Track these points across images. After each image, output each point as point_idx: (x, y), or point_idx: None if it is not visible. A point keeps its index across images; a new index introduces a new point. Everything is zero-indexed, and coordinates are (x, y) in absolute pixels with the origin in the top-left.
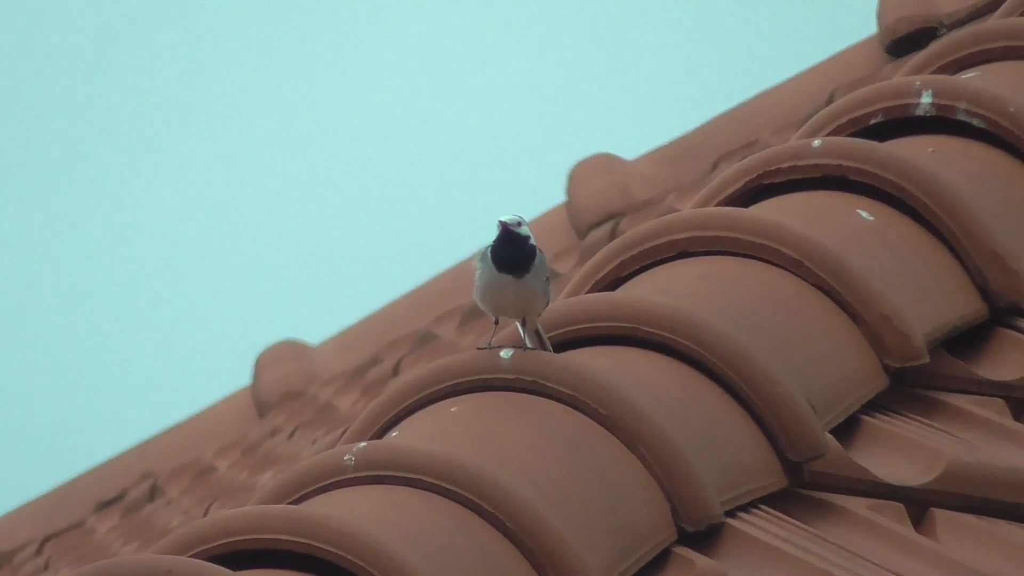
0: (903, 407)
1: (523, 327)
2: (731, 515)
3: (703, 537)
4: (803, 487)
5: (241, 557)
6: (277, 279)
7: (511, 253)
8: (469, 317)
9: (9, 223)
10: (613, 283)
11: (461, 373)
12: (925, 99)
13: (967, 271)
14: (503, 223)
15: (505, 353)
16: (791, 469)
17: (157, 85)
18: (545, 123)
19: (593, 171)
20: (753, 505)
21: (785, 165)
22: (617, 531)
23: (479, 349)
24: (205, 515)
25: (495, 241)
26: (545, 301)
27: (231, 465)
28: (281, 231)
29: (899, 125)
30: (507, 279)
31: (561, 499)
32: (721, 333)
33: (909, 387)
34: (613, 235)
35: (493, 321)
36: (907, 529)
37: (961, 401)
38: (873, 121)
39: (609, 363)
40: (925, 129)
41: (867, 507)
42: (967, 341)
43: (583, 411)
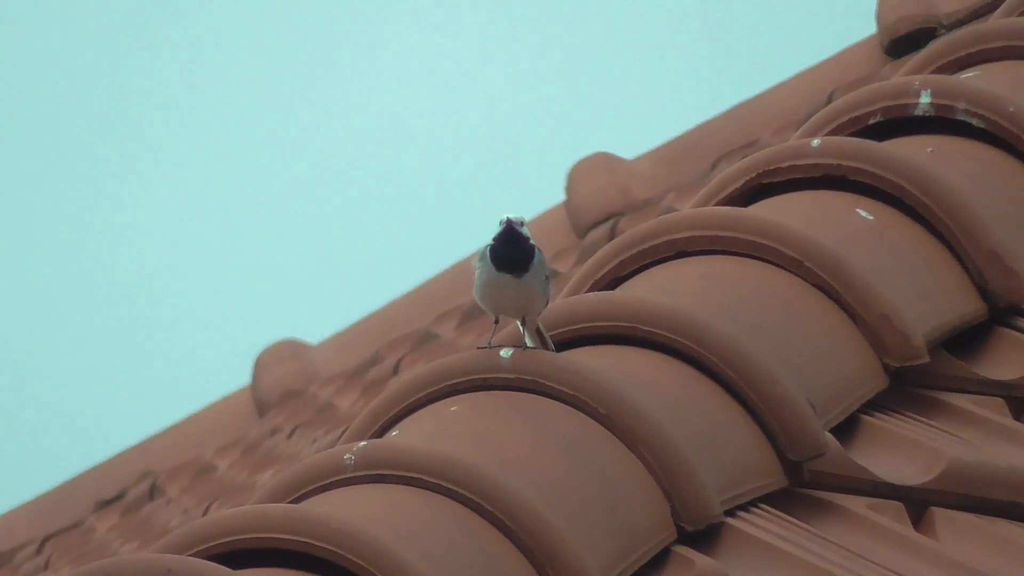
0: (903, 407)
1: (523, 326)
2: (731, 514)
3: (703, 536)
4: (803, 486)
5: (241, 556)
6: (277, 278)
7: (510, 252)
8: (469, 316)
9: (9, 223)
10: (613, 282)
11: (461, 372)
12: (924, 99)
13: (967, 271)
14: (508, 220)
15: (505, 352)
16: (791, 468)
17: (157, 85)
18: (545, 123)
19: (593, 170)
20: (753, 504)
21: (784, 165)
22: (617, 530)
23: (479, 348)
24: (205, 514)
25: (495, 240)
26: (545, 300)
27: (231, 464)
28: (281, 231)
29: (898, 125)
30: (506, 278)
31: (561, 498)
32: (721, 333)
33: (909, 387)
34: (612, 234)
35: (493, 320)
36: (907, 528)
37: (961, 400)
38: (872, 121)
39: (609, 362)
40: (924, 129)
41: (867, 506)
42: (967, 341)
43: (583, 410)
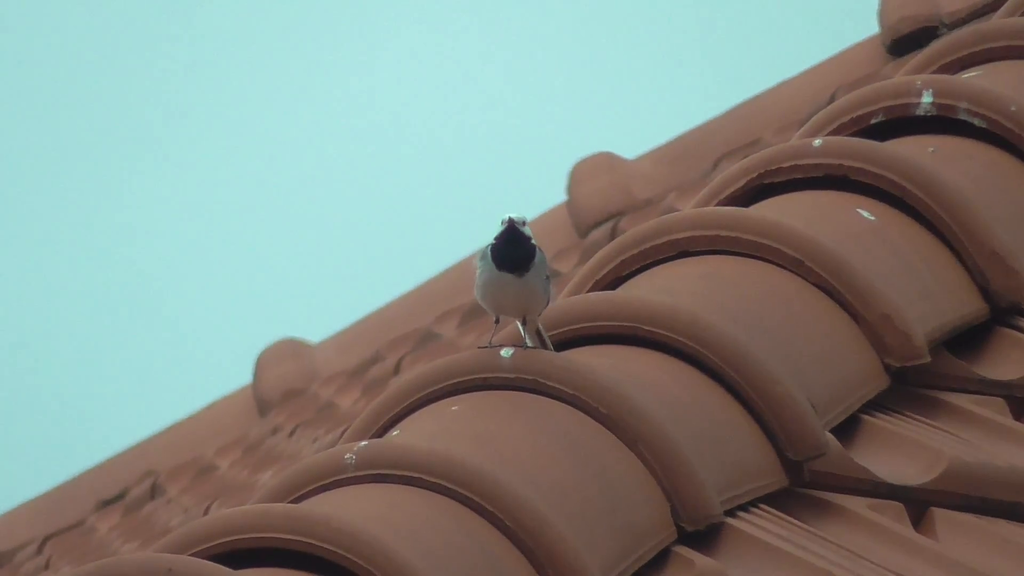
0: (904, 406)
1: (523, 326)
2: (731, 514)
3: (703, 536)
4: (803, 486)
5: (241, 556)
6: (278, 278)
7: (511, 252)
8: (470, 316)
9: (10, 222)
10: (614, 282)
11: (462, 372)
12: (926, 99)
13: (968, 271)
14: (510, 219)
15: (506, 352)
16: (791, 468)
17: (158, 85)
18: (545, 122)
19: (594, 170)
20: (753, 504)
21: (786, 164)
22: (617, 530)
23: (480, 348)
24: (206, 514)
25: (496, 239)
26: (545, 300)
27: (232, 464)
28: (282, 230)
29: (900, 125)
30: (507, 278)
31: (561, 498)
32: (722, 332)
33: (910, 386)
34: (614, 234)
35: (494, 320)
36: (907, 529)
37: (962, 400)
38: (874, 121)
39: (609, 362)
40: (926, 129)
41: (867, 506)
42: (968, 340)
43: (583, 410)
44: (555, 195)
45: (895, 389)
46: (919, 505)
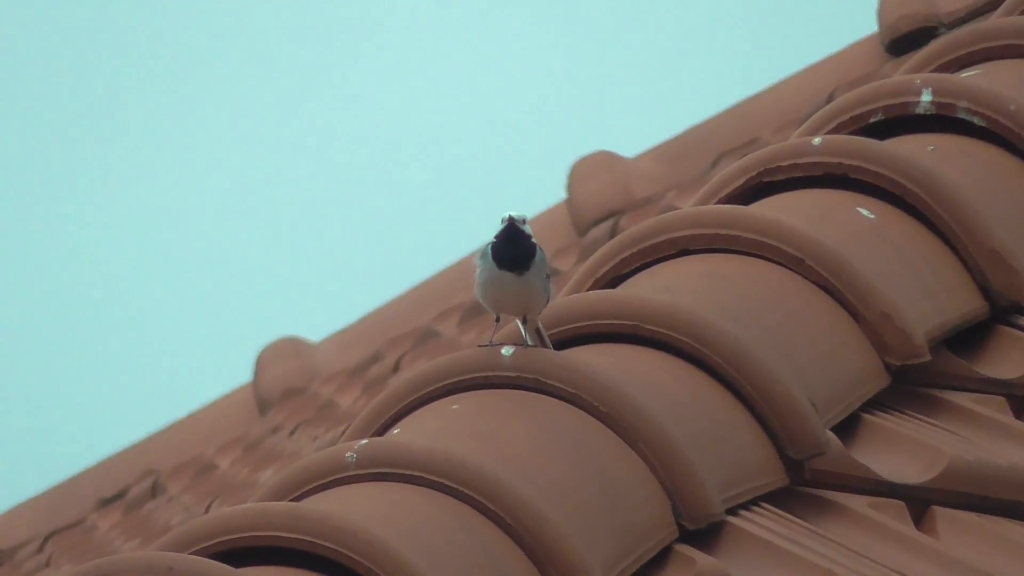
0: (904, 405)
1: (523, 324)
2: (732, 513)
3: (704, 535)
4: (804, 485)
5: (242, 554)
6: (278, 276)
7: (512, 250)
8: (470, 314)
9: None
10: (614, 281)
11: (462, 371)
12: (925, 97)
13: (968, 269)
14: (510, 218)
15: (506, 351)
16: (792, 467)
17: (159, 81)
18: (546, 121)
19: (593, 169)
20: (754, 503)
21: (786, 163)
22: (618, 529)
23: (480, 347)
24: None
25: (496, 238)
26: (545, 298)
27: (232, 462)
28: (282, 228)
29: (899, 123)
30: (507, 276)
31: (562, 497)
32: (722, 331)
33: (910, 385)
34: (613, 233)
35: (494, 319)
36: (908, 527)
37: (962, 399)
38: (873, 119)
39: (610, 361)
40: (925, 127)
41: (868, 505)
42: (968, 339)
43: (584, 409)
44: (555, 193)
45: (895, 388)
46: (920, 503)
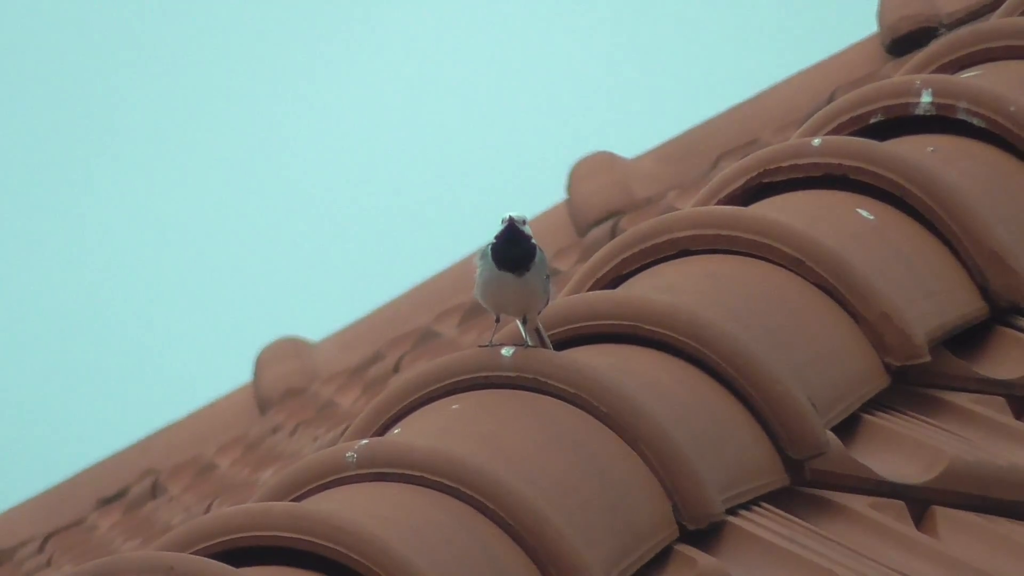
0: (904, 405)
1: (523, 325)
2: (732, 513)
3: (704, 535)
4: (804, 485)
5: (243, 554)
6: (278, 276)
7: (511, 251)
8: (470, 315)
9: (10, 220)
10: (614, 281)
11: (462, 371)
12: (925, 98)
13: (967, 270)
14: (510, 218)
15: (506, 351)
16: (792, 467)
17: (159, 81)
18: (546, 121)
19: (594, 169)
20: (754, 503)
21: (785, 164)
22: (618, 529)
23: (480, 347)
24: (207, 512)
25: (496, 238)
26: (545, 299)
27: (233, 462)
28: (282, 228)
29: (899, 124)
30: (507, 277)
31: (562, 497)
32: (722, 331)
33: (910, 385)
34: (614, 233)
35: (494, 319)
36: (908, 527)
37: (962, 399)
38: (873, 120)
39: (610, 361)
40: (925, 128)
41: (868, 505)
42: (968, 340)
43: (584, 409)
44: (555, 194)
45: (895, 388)
46: (920, 504)
